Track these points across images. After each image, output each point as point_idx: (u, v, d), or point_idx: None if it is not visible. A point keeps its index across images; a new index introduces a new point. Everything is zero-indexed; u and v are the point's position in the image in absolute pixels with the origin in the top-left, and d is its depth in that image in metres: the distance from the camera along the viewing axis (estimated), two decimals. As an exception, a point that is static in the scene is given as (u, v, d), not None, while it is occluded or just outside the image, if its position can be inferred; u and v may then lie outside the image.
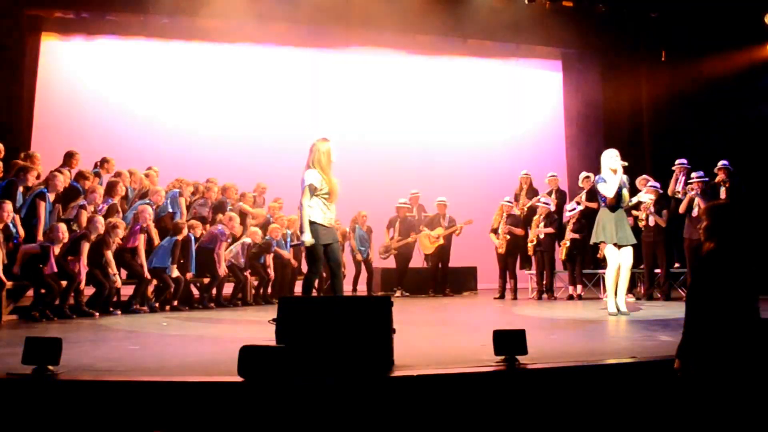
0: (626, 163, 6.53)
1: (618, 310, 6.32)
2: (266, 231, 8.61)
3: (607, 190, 6.41)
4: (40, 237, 6.44)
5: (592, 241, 6.73)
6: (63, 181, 6.95)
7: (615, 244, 6.35)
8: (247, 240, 8.31)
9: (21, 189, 6.59)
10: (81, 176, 7.48)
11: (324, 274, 8.22)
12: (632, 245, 6.45)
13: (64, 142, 8.36)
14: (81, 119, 10.83)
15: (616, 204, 6.42)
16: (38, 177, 6.92)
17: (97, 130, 10.65)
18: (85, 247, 6.54)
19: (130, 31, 11.17)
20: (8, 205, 6.07)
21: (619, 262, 6.35)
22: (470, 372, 3.30)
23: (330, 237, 5.26)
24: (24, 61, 10.17)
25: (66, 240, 6.40)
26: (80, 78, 11.16)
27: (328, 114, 11.85)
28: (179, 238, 7.47)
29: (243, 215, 8.76)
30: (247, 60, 11.91)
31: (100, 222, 6.73)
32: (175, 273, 7.42)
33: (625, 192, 6.47)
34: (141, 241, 7.21)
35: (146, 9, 10.41)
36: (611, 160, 6.43)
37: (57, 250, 6.30)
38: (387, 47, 12.18)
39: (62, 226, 6.40)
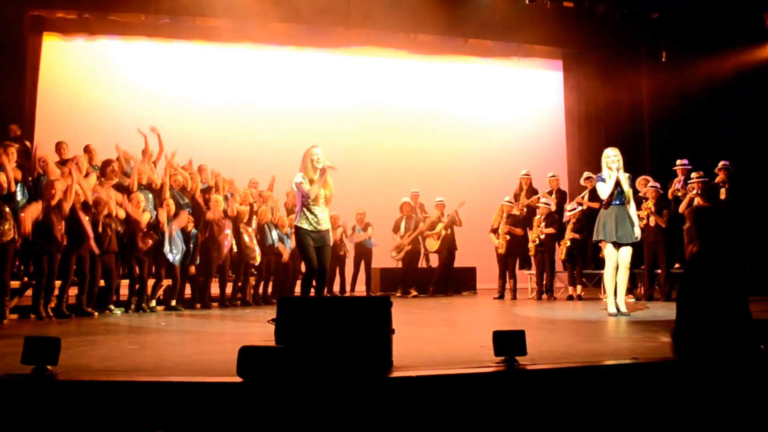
0: (617, 156, 6.40)
1: (618, 310, 6.28)
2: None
3: (603, 189, 6.38)
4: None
5: (594, 239, 6.68)
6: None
7: (615, 243, 6.31)
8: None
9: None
10: (57, 147, 7.55)
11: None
12: (631, 244, 6.38)
13: (66, 141, 8.39)
14: (82, 119, 10.82)
15: (614, 202, 6.36)
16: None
17: (99, 130, 10.63)
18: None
19: (132, 31, 11.17)
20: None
21: (617, 261, 6.30)
22: (469, 373, 3.29)
23: (319, 241, 5.49)
24: (26, 61, 10.18)
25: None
26: (82, 78, 11.17)
27: (329, 114, 11.86)
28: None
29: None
30: (248, 60, 11.92)
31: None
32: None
33: (627, 188, 6.42)
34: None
35: (148, 9, 10.43)
36: (608, 159, 6.41)
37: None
38: (388, 47, 12.18)
39: (58, 184, 6.30)
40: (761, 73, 10.78)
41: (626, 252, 6.32)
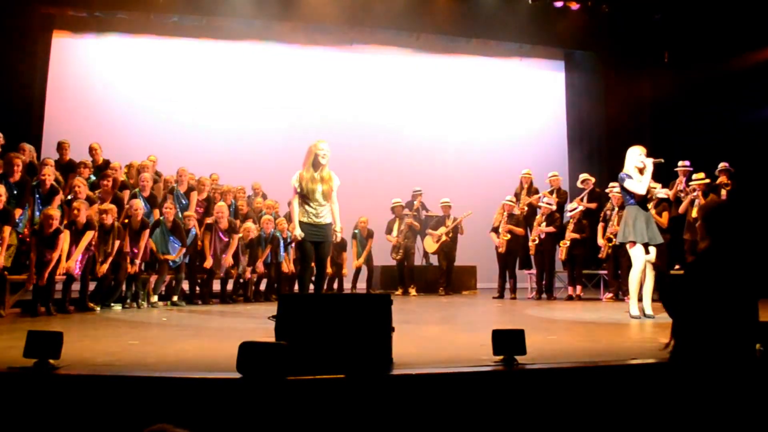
0: (662, 160, 6.18)
1: (643, 313, 6.02)
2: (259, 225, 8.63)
3: (638, 187, 5.97)
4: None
5: (619, 240, 6.28)
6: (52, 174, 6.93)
7: (645, 244, 5.98)
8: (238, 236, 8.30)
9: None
10: (59, 147, 7.56)
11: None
12: (657, 245, 6.09)
13: (74, 138, 8.41)
14: (91, 115, 10.87)
15: (644, 201, 6.07)
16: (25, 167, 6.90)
17: (107, 127, 10.69)
18: (66, 235, 6.45)
19: (140, 29, 11.28)
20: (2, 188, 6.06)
21: (645, 262, 6.01)
22: (469, 371, 3.30)
23: (317, 235, 5.42)
24: (36, 58, 10.26)
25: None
26: (91, 75, 11.24)
27: (332, 112, 11.88)
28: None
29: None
30: (252, 57, 11.95)
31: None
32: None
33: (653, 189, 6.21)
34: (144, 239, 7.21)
35: (156, 7, 10.48)
36: (639, 157, 6.04)
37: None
38: (391, 46, 12.19)
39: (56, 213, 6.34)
40: (762, 74, 10.77)
41: (654, 253, 6.06)
